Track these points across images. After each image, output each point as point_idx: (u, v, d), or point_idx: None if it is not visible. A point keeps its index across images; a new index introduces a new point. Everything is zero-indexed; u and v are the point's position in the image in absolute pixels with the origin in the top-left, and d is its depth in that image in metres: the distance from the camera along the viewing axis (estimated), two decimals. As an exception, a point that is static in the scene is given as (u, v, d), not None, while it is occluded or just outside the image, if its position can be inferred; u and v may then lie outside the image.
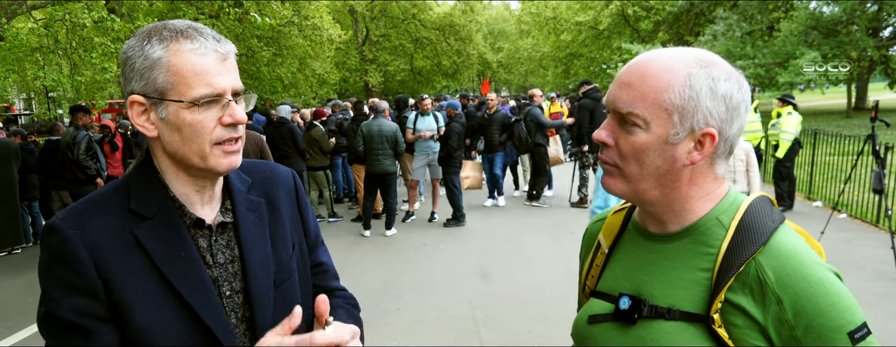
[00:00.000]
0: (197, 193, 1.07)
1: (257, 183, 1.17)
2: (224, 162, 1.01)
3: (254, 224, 1.12)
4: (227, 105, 0.99)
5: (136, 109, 1.00)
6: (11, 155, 7.35)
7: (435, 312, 4.79)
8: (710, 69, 0.91)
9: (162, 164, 1.05)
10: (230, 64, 1.01)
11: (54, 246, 0.96)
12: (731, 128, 0.92)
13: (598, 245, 1.13)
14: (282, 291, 1.13)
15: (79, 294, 0.95)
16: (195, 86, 0.96)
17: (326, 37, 18.13)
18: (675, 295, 0.94)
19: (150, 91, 0.98)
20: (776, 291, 0.86)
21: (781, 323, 0.85)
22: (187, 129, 0.97)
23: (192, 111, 0.97)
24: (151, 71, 0.96)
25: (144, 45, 0.97)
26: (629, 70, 0.95)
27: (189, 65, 0.96)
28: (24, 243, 7.65)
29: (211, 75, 0.96)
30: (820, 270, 0.87)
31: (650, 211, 1.00)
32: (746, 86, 0.94)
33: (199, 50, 0.96)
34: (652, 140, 0.92)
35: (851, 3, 18.26)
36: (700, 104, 0.90)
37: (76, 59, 9.45)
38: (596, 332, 1.02)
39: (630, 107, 0.92)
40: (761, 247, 0.89)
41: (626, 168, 0.95)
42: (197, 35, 0.97)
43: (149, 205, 1.02)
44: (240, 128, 1.02)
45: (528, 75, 42.32)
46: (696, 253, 0.95)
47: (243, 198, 1.12)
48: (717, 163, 0.96)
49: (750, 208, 0.94)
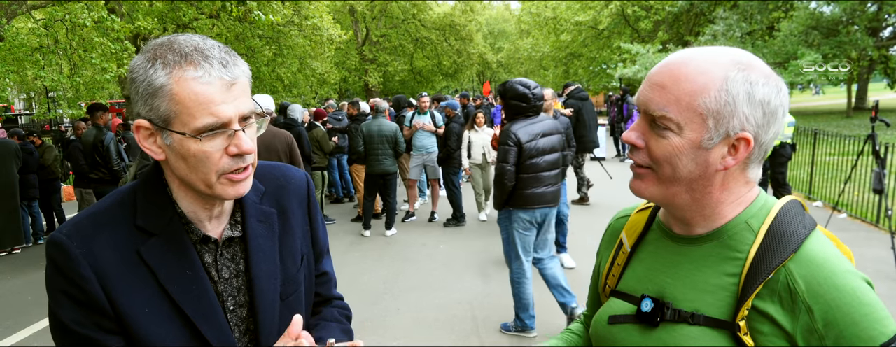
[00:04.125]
0: (205, 210, 1.05)
1: (270, 191, 1.15)
2: (231, 191, 0.99)
3: (263, 236, 1.10)
4: (234, 134, 0.95)
5: (142, 133, 0.98)
6: (11, 155, 7.35)
7: (435, 312, 4.79)
8: (748, 72, 0.87)
9: (171, 182, 1.03)
10: (238, 90, 0.95)
11: (60, 263, 0.95)
12: (767, 133, 0.89)
13: (620, 243, 1.11)
14: (287, 304, 1.12)
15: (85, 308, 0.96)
16: (198, 116, 0.92)
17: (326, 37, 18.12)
18: (700, 300, 0.92)
19: (155, 118, 0.95)
20: (807, 300, 0.84)
21: (811, 333, 0.83)
22: (192, 159, 0.95)
23: (196, 142, 0.93)
24: (154, 98, 0.93)
25: (148, 68, 0.93)
26: (662, 71, 0.91)
27: (192, 94, 0.91)
28: (24, 243, 7.65)
29: (215, 104, 0.92)
30: (852, 279, 0.85)
31: (678, 214, 0.98)
32: (785, 89, 0.91)
33: (203, 78, 0.92)
34: (684, 144, 0.89)
35: (851, 3, 18.25)
36: (737, 109, 0.87)
37: (76, 59, 9.45)
38: (616, 333, 1.01)
39: (663, 110, 0.89)
40: (792, 255, 0.86)
41: (661, 171, 0.93)
42: (202, 61, 0.92)
43: (155, 222, 1.00)
44: (248, 157, 0.98)
45: (529, 75, 42.27)
46: (723, 257, 0.93)
47: (255, 210, 1.10)
48: (751, 168, 0.94)
49: (780, 213, 0.92)
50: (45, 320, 5.07)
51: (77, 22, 8.68)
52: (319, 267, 1.26)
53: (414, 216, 8.32)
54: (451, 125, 7.78)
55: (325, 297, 1.30)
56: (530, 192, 3.93)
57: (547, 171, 3.97)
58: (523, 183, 3.92)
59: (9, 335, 4.79)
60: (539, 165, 3.92)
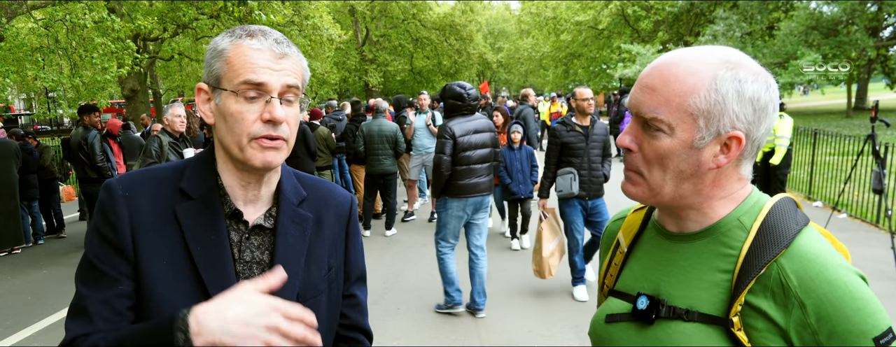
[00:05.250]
0: (241, 188, 1.10)
1: (312, 199, 1.19)
2: (259, 156, 1.03)
3: (293, 236, 1.12)
4: (270, 102, 1.01)
5: (202, 96, 1.08)
6: (11, 155, 7.35)
7: (435, 312, 4.79)
8: (736, 70, 0.88)
9: (217, 152, 1.11)
10: (286, 63, 1.04)
11: (104, 203, 1.05)
12: (758, 129, 0.90)
13: (617, 243, 1.11)
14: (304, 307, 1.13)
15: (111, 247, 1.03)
16: (242, 74, 1.01)
17: (326, 37, 18.11)
18: (694, 297, 0.93)
19: (211, 79, 1.05)
20: (799, 295, 0.84)
21: (804, 328, 0.84)
22: (230, 119, 1.02)
23: (237, 101, 1.01)
24: (214, 60, 1.05)
25: (219, 40, 1.05)
26: (652, 73, 0.92)
27: (242, 56, 1.02)
28: (24, 243, 7.65)
29: (259, 67, 1.01)
30: (844, 274, 0.85)
31: (670, 211, 0.99)
32: (774, 85, 0.91)
33: (255, 45, 1.02)
34: (676, 145, 0.90)
35: (851, 3, 18.26)
36: (726, 107, 0.87)
37: (76, 60, 9.45)
38: (613, 331, 1.01)
39: (654, 112, 0.90)
40: (784, 250, 0.87)
41: (650, 174, 0.94)
42: (260, 34, 1.04)
43: (197, 187, 1.08)
44: (281, 127, 1.03)
45: (528, 75, 42.33)
46: (716, 254, 0.93)
47: (291, 209, 1.14)
48: (743, 165, 0.94)
49: (773, 209, 0.92)
50: (45, 320, 5.07)
51: (77, 22, 8.67)
52: (350, 288, 1.25)
53: (414, 216, 8.32)
54: (452, 125, 7.78)
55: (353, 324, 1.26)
56: (463, 183, 4.37)
57: (478, 164, 4.42)
58: (457, 174, 4.35)
59: (9, 335, 4.79)
60: (471, 158, 4.37)
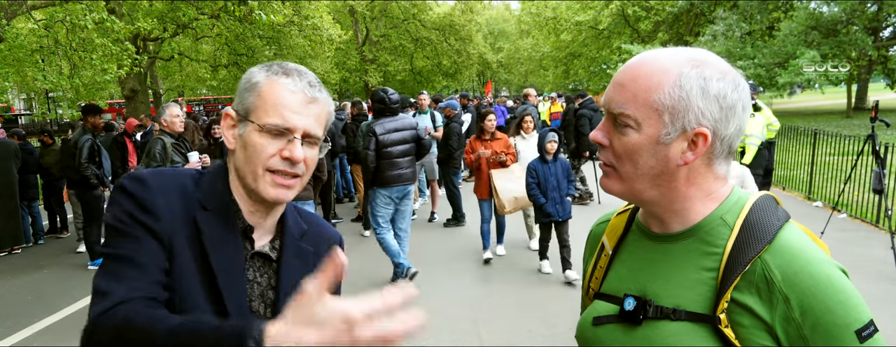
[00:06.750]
0: (249, 213, 1.12)
1: (311, 234, 1.22)
2: (272, 191, 1.06)
3: (296, 268, 1.15)
4: (292, 141, 1.05)
5: (227, 122, 1.11)
6: (11, 155, 7.35)
7: (435, 312, 4.79)
8: (701, 69, 0.90)
9: (231, 174, 1.13)
10: (315, 109, 1.07)
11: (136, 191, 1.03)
12: (726, 127, 0.91)
13: (601, 246, 1.12)
14: None
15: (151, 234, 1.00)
16: (271, 114, 1.04)
17: (326, 37, 18.12)
18: (681, 296, 0.93)
19: (240, 109, 1.08)
20: (783, 290, 0.85)
21: (789, 322, 0.85)
22: (250, 149, 1.05)
23: (260, 135, 1.04)
24: (248, 93, 1.08)
25: (256, 72, 1.09)
26: (623, 71, 0.95)
27: (275, 95, 1.05)
28: (24, 243, 7.65)
29: (289, 110, 1.04)
30: (827, 267, 0.86)
31: (651, 211, 1.00)
32: (743, 85, 0.92)
33: (290, 86, 1.05)
34: (643, 140, 0.91)
35: (851, 3, 18.27)
36: (691, 104, 0.89)
37: (76, 60, 9.45)
38: (601, 334, 1.02)
39: (621, 107, 0.92)
40: (767, 246, 0.88)
41: (621, 168, 0.95)
42: (296, 75, 1.07)
43: (212, 200, 1.09)
44: (298, 166, 1.06)
45: (528, 75, 42.32)
46: (700, 252, 0.94)
47: (294, 243, 1.18)
48: (716, 163, 0.95)
49: (754, 207, 0.93)
50: (45, 320, 5.07)
51: (77, 23, 8.68)
52: None
53: (414, 216, 8.32)
54: (452, 125, 7.79)
55: None
56: (388, 174, 5.15)
57: (400, 158, 5.21)
58: (382, 167, 5.13)
59: (9, 335, 4.79)
60: (392, 153, 5.16)
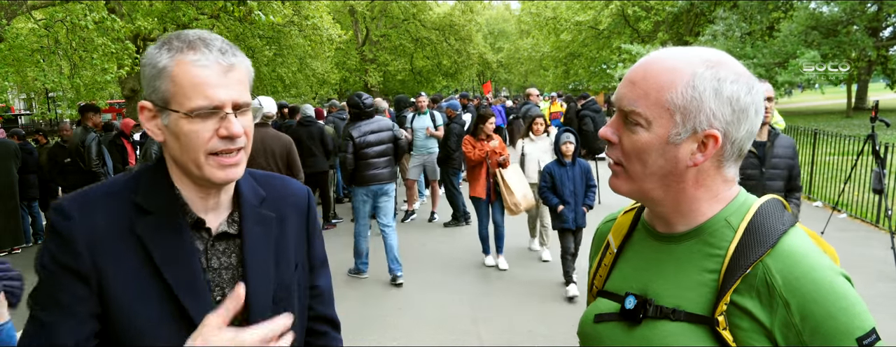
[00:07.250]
0: (201, 199, 1.08)
1: (271, 198, 1.18)
2: (219, 173, 1.02)
3: (260, 238, 1.12)
4: (225, 117, 1.00)
5: (145, 114, 1.04)
6: (11, 155, 7.35)
7: (435, 312, 4.79)
8: (716, 70, 0.89)
9: (171, 168, 1.08)
10: (234, 76, 1.01)
11: (57, 224, 1.00)
12: (738, 130, 0.90)
13: (607, 244, 1.12)
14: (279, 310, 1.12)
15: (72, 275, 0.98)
16: (193, 97, 0.98)
17: (326, 37, 18.11)
18: (681, 296, 0.93)
19: (156, 99, 1.01)
20: (784, 295, 0.84)
21: (788, 328, 0.84)
22: (184, 138, 1.00)
23: (189, 121, 0.98)
24: (157, 80, 1.00)
25: (156, 54, 1.00)
26: (636, 68, 0.94)
27: (189, 76, 0.98)
28: (24, 243, 7.65)
29: (210, 87, 0.98)
30: (829, 274, 0.85)
31: (657, 211, 1.00)
32: (758, 88, 0.91)
33: (201, 61, 0.98)
34: (653, 139, 0.91)
35: (851, 3, 18.26)
36: (703, 105, 0.88)
37: (76, 60, 9.45)
38: (601, 331, 1.02)
39: (632, 105, 0.91)
40: (769, 250, 0.87)
41: (630, 167, 0.95)
42: (202, 46, 0.99)
43: (153, 201, 1.04)
44: (238, 140, 1.02)
45: (528, 75, 42.32)
46: (703, 254, 0.93)
47: (253, 212, 1.13)
48: (726, 166, 0.94)
49: (759, 210, 0.93)
50: (45, 320, 5.07)
51: (77, 22, 8.67)
52: (314, 279, 1.27)
53: (414, 216, 8.31)
54: (452, 125, 7.78)
55: (319, 315, 1.30)
56: (365, 173, 5.39)
57: (376, 158, 5.43)
58: (360, 167, 5.36)
59: (9, 335, 4.79)
60: (369, 154, 5.38)
